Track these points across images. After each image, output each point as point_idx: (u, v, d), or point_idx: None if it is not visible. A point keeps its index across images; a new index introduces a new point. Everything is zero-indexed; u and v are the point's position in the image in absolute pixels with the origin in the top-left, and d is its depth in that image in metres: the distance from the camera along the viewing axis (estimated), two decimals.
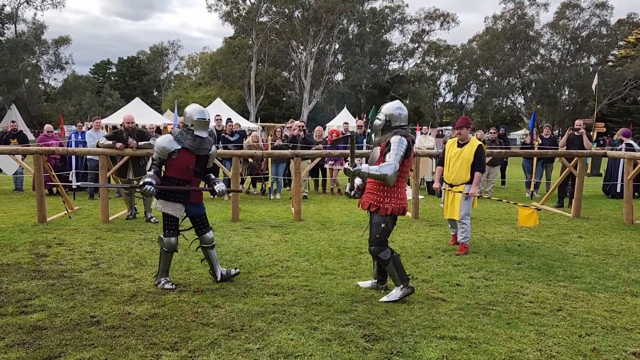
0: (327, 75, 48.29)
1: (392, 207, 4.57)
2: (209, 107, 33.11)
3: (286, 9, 46.05)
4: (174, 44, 67.63)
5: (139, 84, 65.06)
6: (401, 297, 4.55)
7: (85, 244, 6.63)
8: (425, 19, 52.57)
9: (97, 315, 4.10)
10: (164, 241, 4.92)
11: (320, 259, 6.04)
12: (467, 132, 6.53)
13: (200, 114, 4.94)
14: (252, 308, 4.32)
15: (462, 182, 6.47)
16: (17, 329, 3.79)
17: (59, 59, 47.37)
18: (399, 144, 4.50)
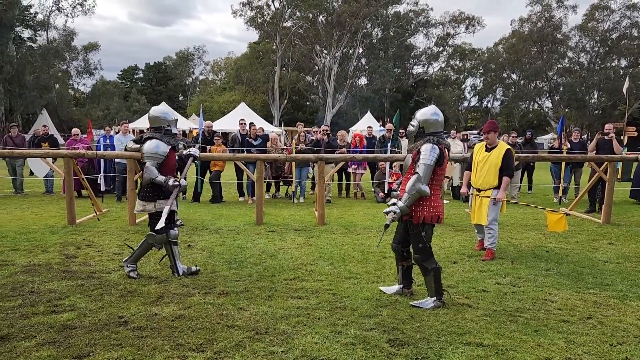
0: (350, 79, 48.22)
1: (424, 215, 4.49)
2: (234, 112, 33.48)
3: (310, 13, 46.20)
4: (199, 50, 68.52)
5: (165, 89, 66.05)
6: (432, 308, 4.49)
7: (113, 245, 6.75)
8: (450, 22, 52.10)
9: (125, 315, 4.17)
10: (157, 238, 5.21)
11: (344, 263, 6.03)
12: (494, 136, 6.45)
13: (171, 114, 5.38)
14: (277, 311, 4.33)
15: (489, 186, 6.39)
16: (48, 327, 3.88)
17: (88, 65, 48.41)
18: (429, 153, 4.42)
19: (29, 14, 40.42)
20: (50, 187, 12.71)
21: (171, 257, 5.37)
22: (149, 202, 5.14)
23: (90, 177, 11.25)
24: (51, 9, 41.44)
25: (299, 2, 45.43)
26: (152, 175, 5.05)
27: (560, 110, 46.83)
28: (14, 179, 12.56)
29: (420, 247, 4.55)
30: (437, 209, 4.55)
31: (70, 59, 45.38)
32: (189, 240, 7.12)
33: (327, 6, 45.19)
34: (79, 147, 11.61)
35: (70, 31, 42.37)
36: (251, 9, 47.08)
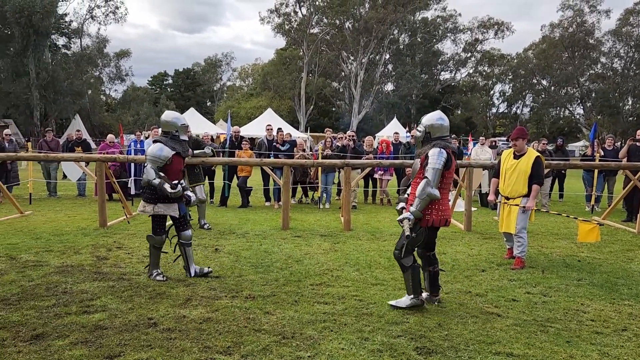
0: (377, 85, 48.16)
1: (432, 219, 4.53)
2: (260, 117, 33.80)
3: (337, 20, 46.39)
4: (227, 56, 69.50)
5: (194, 95, 67.10)
6: (408, 306, 4.55)
7: (143, 248, 6.87)
8: (478, 27, 51.66)
9: (154, 317, 4.23)
10: (155, 239, 5.33)
11: (371, 269, 6.00)
12: (523, 143, 6.34)
13: (181, 120, 5.39)
14: (303, 316, 4.34)
15: (518, 195, 6.28)
16: (81, 327, 3.97)
17: (120, 71, 49.60)
18: (437, 157, 4.46)
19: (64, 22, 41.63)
20: (83, 190, 13.02)
21: (184, 258, 5.52)
22: (149, 204, 5.24)
23: (121, 181, 11.48)
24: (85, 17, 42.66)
25: (326, 8, 45.69)
26: (149, 177, 5.11)
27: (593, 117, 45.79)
28: (48, 182, 12.91)
29: (404, 245, 4.58)
30: (446, 213, 4.59)
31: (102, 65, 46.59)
32: (216, 244, 7.19)
33: (354, 12, 45.30)
34: (114, 152, 11.88)
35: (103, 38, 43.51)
36: (279, 15, 47.57)
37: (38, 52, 35.93)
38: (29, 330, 3.90)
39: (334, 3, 44.48)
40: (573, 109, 52.05)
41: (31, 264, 5.89)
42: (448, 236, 8.23)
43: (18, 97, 35.85)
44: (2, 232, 7.76)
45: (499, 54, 54.24)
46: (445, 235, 8.34)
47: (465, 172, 9.03)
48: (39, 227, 8.34)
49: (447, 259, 6.60)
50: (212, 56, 69.63)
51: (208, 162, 8.93)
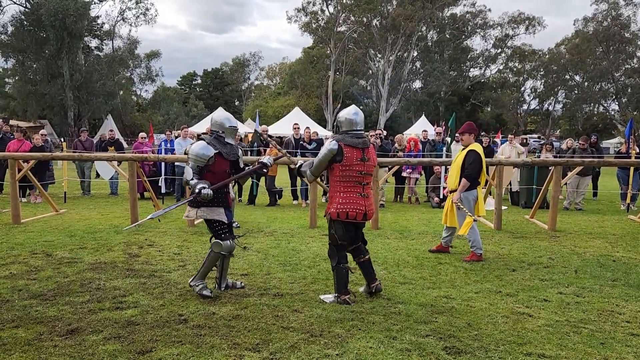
0: (404, 83, 47.79)
1: (330, 212, 4.68)
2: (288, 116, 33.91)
3: (364, 18, 46.20)
4: (254, 55, 69.97)
5: (222, 94, 67.83)
6: (331, 302, 4.62)
7: (173, 245, 6.99)
8: (508, 23, 50.65)
9: (185, 314, 4.30)
10: (222, 245, 4.79)
11: (399, 268, 5.97)
12: (470, 137, 6.46)
13: (230, 122, 4.96)
14: (331, 314, 4.34)
15: (452, 187, 6.44)
16: (114, 323, 4.07)
17: (150, 72, 50.50)
18: (324, 149, 4.66)
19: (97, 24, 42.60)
20: (115, 189, 13.31)
21: (219, 270, 5.04)
22: (193, 208, 4.83)
23: (152, 180, 11.70)
24: (117, 19, 43.56)
25: (353, 6, 45.53)
26: (187, 177, 4.78)
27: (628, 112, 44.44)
28: (82, 181, 13.25)
29: (329, 243, 4.77)
30: (347, 206, 4.62)
31: (133, 66, 47.49)
32: (244, 242, 7.26)
33: (382, 10, 45.02)
34: (146, 151, 12.12)
35: (134, 40, 44.34)
36: (306, 14, 47.65)
37: (72, 54, 36.87)
38: (64, 325, 4.01)
39: (361, 1, 44.31)
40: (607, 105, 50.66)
41: (66, 260, 6.06)
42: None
43: (53, 98, 36.88)
44: (39, 230, 8.00)
45: (530, 50, 53.10)
46: None
47: (495, 170, 8.89)
48: (73, 224, 8.57)
49: None
50: (240, 56, 70.27)
51: None
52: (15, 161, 8.82)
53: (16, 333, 3.83)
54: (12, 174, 8.74)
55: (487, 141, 14.14)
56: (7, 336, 3.77)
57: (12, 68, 41.67)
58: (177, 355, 3.49)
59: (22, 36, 36.19)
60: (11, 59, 38.65)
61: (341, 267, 4.66)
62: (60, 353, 3.51)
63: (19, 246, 6.78)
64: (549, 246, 7.29)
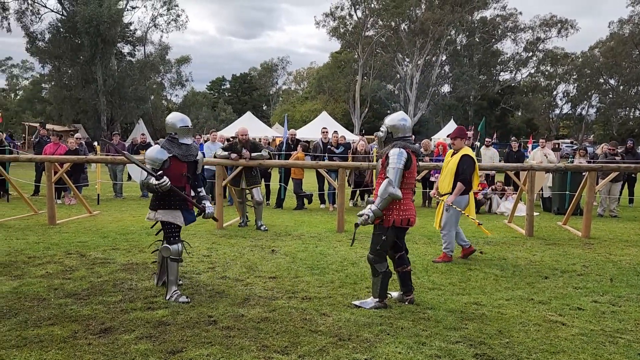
0: (433, 87, 47.36)
1: (393, 219, 4.59)
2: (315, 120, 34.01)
3: (392, 22, 46.02)
4: (282, 60, 70.40)
5: (250, 99, 68.43)
6: (371, 308, 4.58)
7: (203, 248, 7.08)
8: (540, 26, 49.68)
9: (214, 315, 4.35)
10: (171, 249, 4.78)
11: (427, 274, 5.91)
12: (461, 142, 6.60)
13: (182, 122, 4.97)
14: (359, 318, 4.33)
15: (446, 192, 6.53)
16: (145, 322, 4.14)
17: (180, 77, 51.32)
18: (397, 157, 4.52)
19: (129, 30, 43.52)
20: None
21: (159, 265, 5.14)
22: (152, 211, 4.93)
23: None
24: (148, 26, 44.39)
25: (381, 11, 45.42)
26: (142, 178, 4.81)
27: None
28: (114, 183, 13.55)
29: (377, 249, 4.66)
30: (407, 213, 4.65)
31: (164, 71, 48.32)
32: (272, 246, 7.30)
33: (410, 14, 44.78)
34: None
35: (165, 46, 45.12)
36: (334, 19, 47.70)
37: (105, 60, 37.76)
38: (97, 323, 4.10)
39: (389, 5, 44.17)
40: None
41: (99, 261, 6.20)
42: (509, 241, 7.98)
43: (87, 103, 37.81)
44: (73, 231, 8.21)
45: (562, 53, 51.96)
46: (505, 240, 8.10)
47: (526, 175, 8.72)
48: (106, 226, 8.76)
49: (508, 264, 6.40)
50: (268, 61, 70.82)
51: (265, 164, 9.09)
52: (52, 164, 9.08)
53: (52, 330, 3.94)
54: (48, 176, 9.00)
55: (516, 146, 13.91)
56: (44, 333, 3.88)
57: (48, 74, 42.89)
58: (207, 356, 3.53)
59: (58, 43, 37.26)
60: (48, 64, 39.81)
61: (388, 272, 4.66)
62: (94, 351, 3.59)
63: (55, 246, 6.97)
64: (582, 253, 7.12)
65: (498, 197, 11.73)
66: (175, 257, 4.81)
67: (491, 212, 11.53)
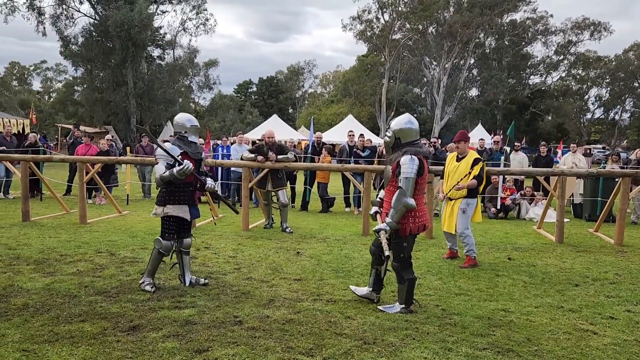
0: (460, 90, 46.84)
1: (410, 227, 4.53)
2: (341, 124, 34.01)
3: (420, 25, 45.74)
4: (309, 64, 70.65)
5: (276, 102, 68.83)
6: (397, 313, 4.52)
7: (229, 249, 7.14)
8: (572, 29, 48.66)
9: (240, 315, 4.38)
10: (163, 243, 5.10)
11: (454, 279, 5.84)
12: (465, 145, 6.65)
13: (190, 122, 5.26)
14: (384, 322, 4.30)
15: (459, 196, 6.50)
16: (172, 321, 4.19)
17: (208, 80, 51.93)
18: (409, 165, 4.42)
19: (159, 34, 44.30)
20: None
21: (180, 266, 5.34)
22: (159, 206, 5.13)
23: None
24: (178, 30, 45.12)
25: (408, 14, 45.17)
26: (159, 173, 4.98)
27: None
28: (143, 184, 13.79)
29: (401, 256, 4.58)
30: (422, 219, 4.60)
31: (192, 74, 48.99)
32: (298, 248, 7.32)
33: (438, 17, 44.42)
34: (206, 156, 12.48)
35: (194, 49, 45.75)
36: (361, 22, 47.63)
37: (135, 63, 38.53)
38: (126, 321, 4.18)
39: (417, 8, 43.92)
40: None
41: (128, 260, 6.32)
42: (538, 247, 7.83)
43: (117, 105, 38.65)
44: (104, 230, 8.38)
45: (595, 56, 50.78)
46: (535, 246, 7.95)
47: (557, 180, 8.55)
48: (135, 226, 8.92)
49: (537, 271, 6.28)
50: (294, 64, 71.17)
51: (291, 167, 9.13)
52: (84, 164, 9.30)
53: (83, 327, 4.02)
54: (80, 176, 9.22)
55: (544, 150, 13.66)
56: (75, 329, 3.97)
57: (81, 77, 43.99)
58: (232, 356, 3.56)
59: (91, 46, 38.19)
60: (80, 68, 40.83)
61: (414, 278, 4.63)
62: (123, 348, 3.65)
63: (85, 245, 7.13)
64: (615, 261, 6.93)
65: (527, 202, 11.53)
66: (163, 252, 5.10)
67: (520, 218, 11.33)
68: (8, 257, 6.27)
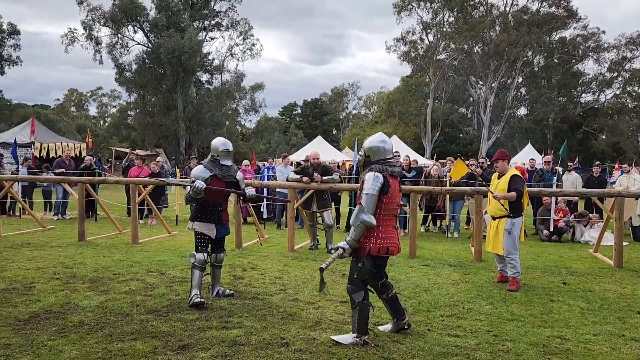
0: (508, 110, 45.90)
1: (369, 247, 4.28)
2: None
3: (465, 45, 45.35)
4: (353, 85, 71.13)
5: (320, 124, 69.44)
6: (350, 344, 4.21)
7: (275, 269, 7.18)
8: (626, 45, 46.95)
9: (286, 337, 4.37)
10: (196, 257, 5.41)
11: (506, 304, 5.64)
12: (503, 164, 6.59)
13: (224, 146, 5.62)
14: (433, 347, 4.19)
15: (501, 214, 6.40)
16: (220, 341, 4.23)
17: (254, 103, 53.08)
18: (371, 182, 4.29)
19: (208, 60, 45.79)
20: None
21: (211, 277, 5.70)
22: (190, 221, 5.62)
23: (255, 205, 12.16)
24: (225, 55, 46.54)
25: (453, 34, 44.91)
26: (186, 192, 5.49)
27: None
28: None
29: (354, 277, 4.38)
30: (386, 241, 4.33)
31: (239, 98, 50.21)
32: (343, 270, 7.26)
33: (484, 36, 43.92)
34: (249, 178, 12.68)
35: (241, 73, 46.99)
36: (405, 44, 47.73)
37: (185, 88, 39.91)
38: (176, 340, 4.24)
39: (462, 28, 43.62)
40: None
41: (177, 279, 6.45)
42: (595, 272, 7.48)
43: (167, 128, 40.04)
44: (154, 250, 8.61)
45: None
46: (591, 271, 7.60)
47: (614, 202, 8.18)
48: (183, 246, 9.12)
49: (595, 297, 5.98)
50: (338, 86, 71.81)
51: (336, 187, 9.13)
52: (136, 186, 9.62)
53: (134, 345, 4.11)
54: (132, 197, 9.54)
55: (597, 171, 13.15)
56: (127, 347, 4.06)
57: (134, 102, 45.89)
58: None
59: (144, 73, 39.94)
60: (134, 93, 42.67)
61: (366, 304, 4.34)
62: None
63: (137, 264, 7.33)
64: None
65: (582, 225, 11.06)
66: (199, 264, 5.39)
67: (574, 241, 10.88)
68: (65, 275, 6.53)
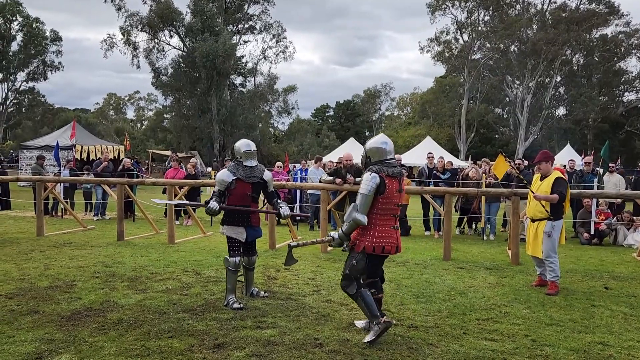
0: (546, 110, 44.76)
1: (364, 245, 4.39)
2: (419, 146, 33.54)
3: (501, 44, 44.49)
4: (386, 86, 70.70)
5: (353, 125, 69.27)
6: (378, 335, 4.20)
7: (308, 271, 7.20)
8: None
9: (320, 338, 4.38)
10: (230, 261, 5.39)
11: (544, 308, 5.50)
12: (547, 166, 6.38)
13: (246, 147, 5.57)
14: (469, 351, 4.12)
15: (541, 216, 6.24)
16: (255, 341, 4.27)
17: (287, 105, 53.52)
18: (367, 182, 4.36)
19: (241, 63, 46.40)
20: None
21: (245, 279, 5.72)
22: (222, 226, 5.60)
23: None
24: (259, 58, 47.04)
25: (489, 33, 44.14)
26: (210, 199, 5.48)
27: None
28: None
29: (346, 273, 4.48)
30: (382, 240, 4.41)
31: (272, 100, 50.71)
32: None
33: (520, 35, 42.98)
34: (281, 179, 12.78)
35: (274, 76, 47.43)
36: (438, 44, 47.18)
37: (219, 91, 40.55)
38: (211, 339, 4.31)
39: (497, 27, 42.82)
40: None
41: (212, 279, 6.55)
42: (639, 277, 7.21)
43: (202, 131, 40.75)
44: (189, 250, 8.76)
45: None
46: (635, 275, 7.38)
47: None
48: (218, 246, 9.24)
49: (639, 302, 5.77)
50: (371, 87, 71.50)
51: None
52: (172, 187, 9.82)
53: (171, 343, 4.20)
54: (169, 198, 9.73)
55: None
56: (164, 345, 4.15)
57: (169, 105, 46.92)
58: None
59: (179, 76, 40.79)
60: (169, 96, 43.61)
61: (363, 290, 4.41)
62: None
63: (173, 264, 7.48)
64: None
65: (625, 227, 10.70)
66: (232, 269, 5.38)
67: (617, 244, 10.52)
68: (105, 274, 6.72)
